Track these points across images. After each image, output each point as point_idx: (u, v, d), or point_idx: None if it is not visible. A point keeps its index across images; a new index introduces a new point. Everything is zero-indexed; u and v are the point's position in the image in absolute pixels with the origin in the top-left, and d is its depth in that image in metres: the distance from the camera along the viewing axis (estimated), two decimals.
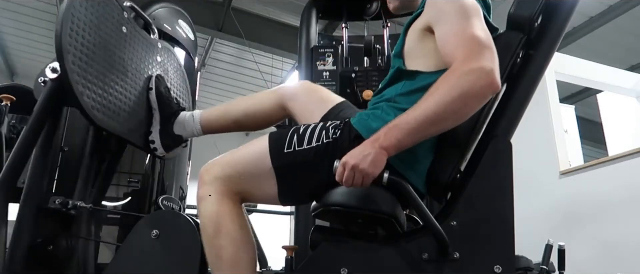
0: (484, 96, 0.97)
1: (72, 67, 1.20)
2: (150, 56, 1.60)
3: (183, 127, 1.49)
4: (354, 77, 2.22)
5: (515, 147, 1.10)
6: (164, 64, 1.68)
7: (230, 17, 5.99)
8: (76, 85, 1.20)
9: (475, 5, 1.10)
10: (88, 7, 1.28)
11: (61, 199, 1.35)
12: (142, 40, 1.56)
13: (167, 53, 1.73)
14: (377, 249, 1.09)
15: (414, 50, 1.17)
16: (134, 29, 1.52)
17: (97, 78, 1.29)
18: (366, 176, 0.97)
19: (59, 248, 1.38)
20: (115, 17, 1.42)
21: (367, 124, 1.11)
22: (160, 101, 1.52)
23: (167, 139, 1.49)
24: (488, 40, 1.01)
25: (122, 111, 1.40)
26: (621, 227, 2.98)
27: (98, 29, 1.32)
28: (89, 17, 1.28)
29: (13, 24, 6.87)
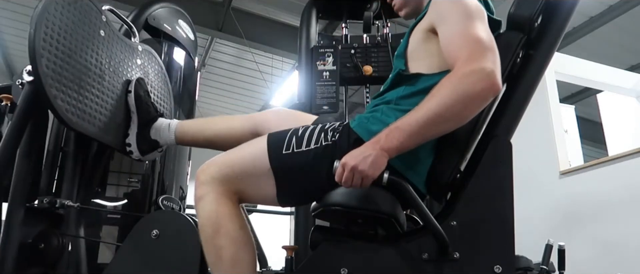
0: (485, 97, 0.97)
1: (46, 71, 1.21)
2: (130, 59, 1.61)
3: (159, 134, 1.50)
4: (353, 53, 2.29)
5: (515, 147, 1.10)
6: (144, 67, 1.69)
7: (230, 17, 5.99)
8: (49, 89, 1.21)
9: (478, 7, 1.10)
10: (64, 11, 1.29)
11: (49, 199, 1.37)
12: (121, 43, 1.57)
13: (148, 56, 1.73)
14: (377, 249, 1.09)
15: (417, 52, 1.17)
16: (112, 32, 1.53)
17: (72, 81, 1.30)
18: (366, 178, 0.97)
19: (51, 246, 1.39)
20: (92, 21, 1.43)
21: (367, 127, 1.11)
22: (138, 104, 1.53)
23: (143, 144, 1.51)
24: (490, 42, 1.02)
25: (99, 114, 1.42)
26: (621, 227, 2.98)
27: (74, 32, 1.33)
28: (64, 21, 1.29)
29: (13, 24, 6.86)
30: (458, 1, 1.08)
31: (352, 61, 2.28)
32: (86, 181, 1.55)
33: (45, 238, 1.39)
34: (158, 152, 1.57)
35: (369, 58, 2.31)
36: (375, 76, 2.27)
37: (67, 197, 1.45)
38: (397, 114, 1.10)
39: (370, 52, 2.33)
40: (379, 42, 2.37)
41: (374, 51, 2.32)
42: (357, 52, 2.31)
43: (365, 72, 2.25)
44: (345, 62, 2.29)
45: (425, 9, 1.20)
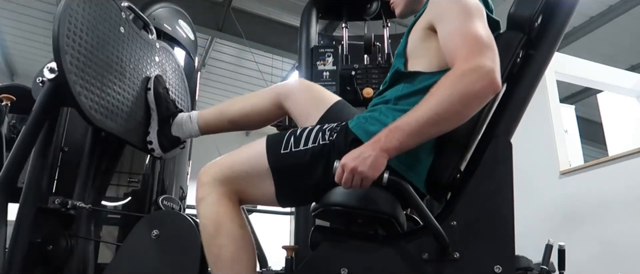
0: (485, 96, 0.97)
1: (70, 68, 1.19)
2: (149, 56, 1.60)
3: (181, 128, 1.49)
4: (354, 75, 2.23)
5: (515, 147, 1.10)
6: (162, 64, 1.68)
7: (230, 17, 5.99)
8: (74, 85, 1.20)
9: (477, 5, 1.10)
10: (85, 7, 1.28)
11: (60, 199, 1.35)
12: (140, 40, 1.56)
13: (166, 53, 1.73)
14: (377, 249, 1.09)
15: (416, 50, 1.17)
16: (131, 29, 1.52)
17: (95, 78, 1.29)
18: (365, 179, 0.97)
19: (59, 247, 1.38)
20: (112, 18, 1.42)
21: (365, 128, 1.11)
22: (158, 101, 1.51)
23: (164, 141, 1.49)
24: (490, 40, 1.01)
25: (120, 111, 1.40)
26: (621, 227, 2.98)
27: (95, 29, 1.32)
28: (87, 18, 1.28)
29: (13, 24, 6.87)
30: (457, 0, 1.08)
31: (352, 84, 2.22)
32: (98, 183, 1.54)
33: (54, 239, 1.38)
34: (180, 149, 1.55)
35: (369, 80, 2.26)
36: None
37: (79, 199, 1.43)
38: (396, 114, 1.09)
39: (371, 74, 2.27)
40: (380, 63, 2.33)
41: (374, 72, 2.27)
42: (358, 74, 2.25)
43: (366, 95, 2.19)
44: (346, 85, 2.23)
45: (424, 7, 1.19)
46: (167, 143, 1.50)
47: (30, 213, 1.27)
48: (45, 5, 6.42)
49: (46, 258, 1.36)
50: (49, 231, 1.37)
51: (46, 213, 1.35)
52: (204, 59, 7.19)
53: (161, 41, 1.75)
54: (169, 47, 1.79)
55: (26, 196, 1.27)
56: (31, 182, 1.28)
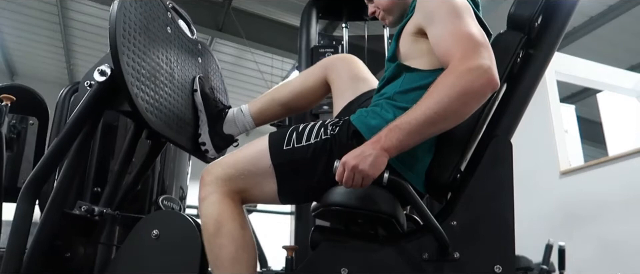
0: (484, 94, 0.97)
1: (127, 68, 1.16)
2: (193, 57, 1.56)
3: (234, 124, 1.45)
4: None
5: (515, 147, 1.10)
6: (204, 65, 1.63)
7: (230, 17, 5.99)
8: (131, 87, 1.16)
9: (465, 4, 1.10)
10: (137, 7, 1.25)
11: (87, 206, 1.31)
12: (185, 41, 1.52)
13: (207, 54, 1.69)
14: (377, 249, 1.09)
15: (409, 54, 1.17)
16: (177, 29, 1.48)
17: (149, 79, 1.25)
18: (366, 177, 0.97)
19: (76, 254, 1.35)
20: (160, 18, 1.38)
21: (366, 121, 1.11)
22: (206, 102, 1.47)
23: (218, 140, 1.45)
24: (483, 38, 1.01)
25: (172, 114, 1.35)
26: (621, 227, 2.98)
27: (147, 29, 1.28)
28: (139, 17, 1.25)
29: (13, 24, 6.87)
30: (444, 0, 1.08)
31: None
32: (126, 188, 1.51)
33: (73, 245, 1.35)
34: (234, 147, 1.49)
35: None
36: None
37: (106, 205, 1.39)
38: (395, 111, 1.10)
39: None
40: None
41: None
42: None
43: None
44: None
45: (410, 13, 1.18)
46: (220, 142, 1.45)
47: (55, 217, 1.22)
48: (45, 6, 6.42)
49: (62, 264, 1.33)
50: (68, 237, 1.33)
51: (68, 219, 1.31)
52: None
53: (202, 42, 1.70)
54: (208, 47, 1.75)
55: (54, 200, 1.22)
56: (61, 186, 1.23)
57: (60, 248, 1.32)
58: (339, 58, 1.41)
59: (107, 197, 1.42)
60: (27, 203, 1.18)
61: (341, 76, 1.36)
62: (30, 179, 1.18)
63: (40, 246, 1.19)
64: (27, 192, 1.18)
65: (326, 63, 1.40)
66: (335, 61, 1.40)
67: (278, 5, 6.02)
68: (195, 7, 5.69)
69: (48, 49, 7.66)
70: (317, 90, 1.41)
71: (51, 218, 1.21)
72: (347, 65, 1.38)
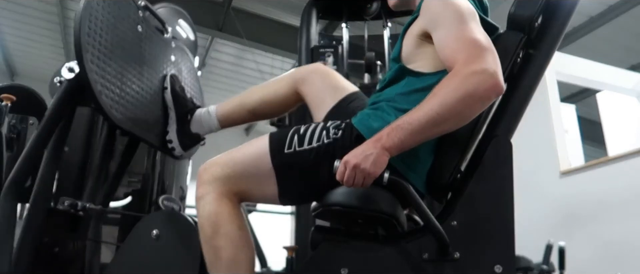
0: (489, 98, 0.97)
1: (91, 66, 1.18)
2: (165, 55, 1.58)
3: (200, 124, 1.46)
4: None
5: (515, 147, 1.10)
6: (177, 63, 1.66)
7: (231, 17, 5.99)
8: (95, 84, 1.19)
9: (470, 9, 1.09)
10: (105, 6, 1.27)
11: (70, 201, 1.33)
12: (157, 39, 1.54)
13: (181, 52, 1.71)
14: (377, 250, 1.09)
15: (412, 55, 1.17)
16: (148, 28, 1.50)
17: (115, 77, 1.28)
18: (367, 176, 0.97)
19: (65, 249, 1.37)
20: (131, 16, 1.41)
21: (368, 124, 1.11)
22: (175, 100, 1.49)
23: (184, 138, 1.47)
24: (488, 43, 1.01)
25: (139, 111, 1.39)
26: (621, 227, 2.98)
27: (115, 28, 1.31)
28: (106, 16, 1.27)
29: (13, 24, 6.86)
30: (449, 3, 1.07)
31: None
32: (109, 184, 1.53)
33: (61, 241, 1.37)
34: (201, 145, 1.53)
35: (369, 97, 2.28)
36: None
37: (89, 200, 1.41)
38: (396, 112, 1.09)
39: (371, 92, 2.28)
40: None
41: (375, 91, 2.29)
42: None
43: None
44: None
45: (417, 12, 1.19)
46: (187, 141, 1.47)
47: (40, 214, 1.25)
48: (45, 6, 6.42)
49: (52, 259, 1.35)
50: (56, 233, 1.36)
51: (54, 215, 1.33)
52: (204, 59, 7.19)
53: (176, 40, 1.73)
54: (183, 46, 1.77)
55: (36, 197, 1.25)
56: (42, 183, 1.26)
57: (48, 244, 1.34)
58: (311, 70, 1.40)
59: (90, 192, 1.44)
60: (10, 202, 1.20)
61: (316, 86, 1.36)
62: (10, 179, 1.21)
63: (27, 243, 1.21)
64: (9, 190, 1.20)
65: (297, 76, 1.40)
66: (308, 74, 1.39)
67: (278, 5, 6.02)
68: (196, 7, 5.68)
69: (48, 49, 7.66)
70: (287, 100, 1.40)
71: (35, 214, 1.24)
72: (320, 76, 1.37)
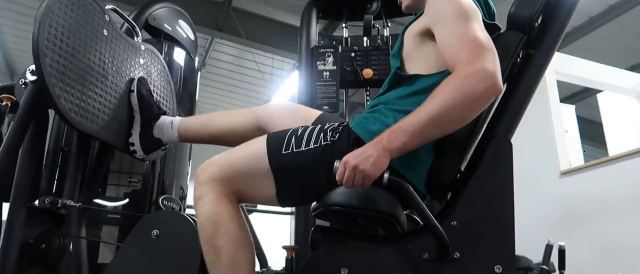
0: (487, 98, 0.98)
1: (50, 71, 1.20)
2: (133, 59, 1.61)
3: (162, 132, 1.50)
4: (353, 56, 2.28)
5: (515, 147, 1.10)
6: (147, 66, 1.69)
7: (231, 17, 5.99)
8: (53, 88, 1.21)
9: (474, 9, 1.10)
10: (67, 10, 1.28)
11: (51, 198, 1.37)
12: (123, 43, 1.57)
13: (151, 55, 1.73)
14: (377, 250, 1.09)
15: (412, 53, 1.17)
16: (115, 31, 1.53)
17: (75, 81, 1.30)
18: (367, 177, 0.97)
19: (52, 246, 1.39)
20: (95, 20, 1.42)
21: (366, 127, 1.11)
22: (141, 103, 1.53)
23: (146, 142, 1.51)
24: (489, 43, 1.02)
25: (102, 114, 1.42)
26: (622, 227, 2.98)
27: (77, 32, 1.32)
28: (68, 20, 1.28)
29: (13, 24, 6.86)
30: (453, 3, 1.08)
31: (352, 65, 2.27)
32: (88, 181, 1.55)
33: (47, 238, 1.39)
34: (162, 151, 1.57)
35: (369, 61, 2.30)
36: (375, 79, 2.26)
37: (69, 197, 1.45)
38: (395, 115, 1.10)
39: (371, 55, 2.31)
40: (380, 45, 2.37)
41: (374, 54, 2.31)
42: (358, 56, 2.29)
43: (366, 76, 2.25)
44: (345, 65, 2.28)
45: (422, 11, 1.19)
46: (149, 145, 1.51)
47: (20, 212, 1.28)
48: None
49: (40, 256, 1.37)
50: (42, 230, 1.38)
51: (38, 212, 1.37)
52: (204, 59, 7.19)
53: (147, 44, 1.75)
54: (154, 49, 1.79)
55: (15, 196, 1.28)
56: (19, 182, 1.30)
57: (35, 241, 1.36)
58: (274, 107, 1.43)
59: (69, 190, 1.47)
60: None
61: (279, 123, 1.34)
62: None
63: (12, 241, 1.23)
64: None
65: (260, 114, 1.40)
66: (271, 111, 1.40)
67: (278, 5, 6.02)
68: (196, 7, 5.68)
69: None
70: (247, 135, 1.35)
71: (15, 212, 1.27)
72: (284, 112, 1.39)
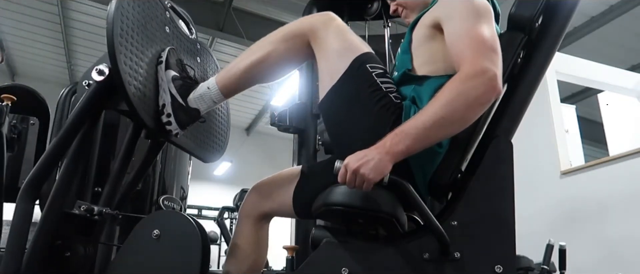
0: (488, 100, 0.98)
1: (124, 68, 1.15)
2: (192, 56, 1.55)
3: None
4: None
5: (516, 147, 1.10)
6: (203, 65, 1.61)
7: (231, 17, 6.00)
8: (128, 86, 1.15)
9: (486, 7, 1.10)
10: (135, 6, 1.25)
11: (87, 205, 1.31)
12: (184, 40, 1.51)
13: (206, 54, 1.68)
14: (378, 249, 1.09)
15: (421, 49, 1.17)
16: (176, 28, 1.48)
17: (146, 79, 1.24)
18: (367, 181, 0.97)
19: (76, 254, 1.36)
20: (158, 17, 1.38)
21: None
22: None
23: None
24: (494, 44, 1.02)
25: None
26: (622, 227, 2.98)
27: (144, 28, 1.28)
28: (136, 17, 1.24)
29: (13, 24, 6.87)
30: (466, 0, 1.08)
31: None
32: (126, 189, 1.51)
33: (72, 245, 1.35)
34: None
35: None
36: None
37: (106, 205, 1.39)
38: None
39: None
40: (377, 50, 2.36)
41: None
42: None
43: None
44: None
45: (432, 3, 1.20)
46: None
47: (55, 217, 1.23)
48: (46, 6, 6.42)
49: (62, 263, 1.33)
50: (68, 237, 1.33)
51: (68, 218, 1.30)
52: None
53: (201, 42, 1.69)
54: (207, 47, 1.74)
55: (54, 200, 1.22)
56: (61, 186, 1.23)
57: (60, 248, 1.32)
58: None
59: (107, 197, 1.42)
60: (26, 203, 1.18)
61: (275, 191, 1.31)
62: (29, 179, 1.18)
63: (39, 246, 1.19)
64: (26, 192, 1.18)
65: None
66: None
67: (278, 5, 6.02)
68: (196, 7, 5.69)
69: (49, 49, 7.67)
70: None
71: (51, 217, 1.21)
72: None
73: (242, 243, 1.30)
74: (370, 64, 1.13)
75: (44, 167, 1.20)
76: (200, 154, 1.47)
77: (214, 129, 1.54)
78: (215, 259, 6.55)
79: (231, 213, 5.22)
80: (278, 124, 2.36)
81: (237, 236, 1.32)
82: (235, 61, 1.30)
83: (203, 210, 7.54)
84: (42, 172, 1.20)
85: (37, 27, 6.95)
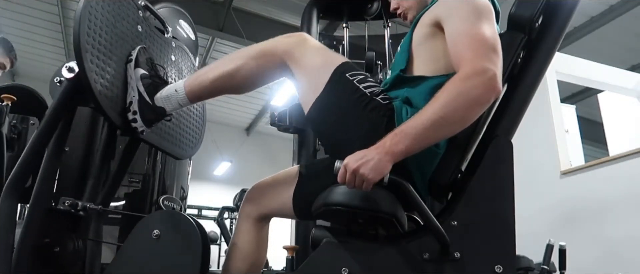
0: (487, 100, 0.98)
1: (90, 66, 1.17)
2: (165, 55, 1.58)
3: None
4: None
5: (516, 147, 1.10)
6: (178, 63, 1.65)
7: (231, 17, 6.00)
8: (95, 84, 1.18)
9: (487, 7, 1.10)
10: (104, 5, 1.26)
11: (71, 201, 1.33)
12: (157, 39, 1.54)
13: (181, 52, 1.71)
14: (378, 249, 1.09)
15: (422, 48, 1.17)
16: (149, 27, 1.50)
17: (114, 77, 1.27)
18: (366, 181, 0.97)
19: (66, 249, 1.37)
20: (130, 16, 1.40)
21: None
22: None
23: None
24: (495, 44, 1.02)
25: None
26: (622, 227, 2.98)
27: (114, 27, 1.30)
28: (105, 16, 1.26)
29: (13, 24, 6.87)
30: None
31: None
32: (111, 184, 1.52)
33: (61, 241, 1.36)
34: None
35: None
36: None
37: (90, 200, 1.41)
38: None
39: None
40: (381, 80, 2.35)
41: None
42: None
43: None
44: None
45: (432, 3, 1.19)
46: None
47: (39, 214, 1.25)
48: (46, 6, 6.43)
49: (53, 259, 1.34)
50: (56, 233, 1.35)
51: (54, 215, 1.33)
52: (205, 59, 7.19)
53: (177, 40, 1.72)
54: (184, 45, 1.77)
55: (37, 197, 1.24)
56: (43, 183, 1.26)
57: (48, 244, 1.33)
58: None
59: (90, 192, 1.44)
60: (10, 201, 1.19)
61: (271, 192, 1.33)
62: (11, 178, 1.20)
63: (27, 243, 1.20)
64: (9, 190, 1.20)
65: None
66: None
67: (278, 5, 6.02)
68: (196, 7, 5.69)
69: (49, 49, 7.67)
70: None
71: (36, 214, 1.23)
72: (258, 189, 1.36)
73: (242, 243, 1.30)
74: (349, 72, 1.14)
75: (24, 166, 1.22)
76: (171, 150, 1.48)
77: (187, 126, 1.56)
78: (215, 259, 6.55)
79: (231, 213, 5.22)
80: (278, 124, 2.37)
81: (236, 236, 1.32)
82: (205, 69, 1.30)
83: (203, 210, 7.54)
84: (23, 171, 1.22)
85: (37, 27, 6.95)
